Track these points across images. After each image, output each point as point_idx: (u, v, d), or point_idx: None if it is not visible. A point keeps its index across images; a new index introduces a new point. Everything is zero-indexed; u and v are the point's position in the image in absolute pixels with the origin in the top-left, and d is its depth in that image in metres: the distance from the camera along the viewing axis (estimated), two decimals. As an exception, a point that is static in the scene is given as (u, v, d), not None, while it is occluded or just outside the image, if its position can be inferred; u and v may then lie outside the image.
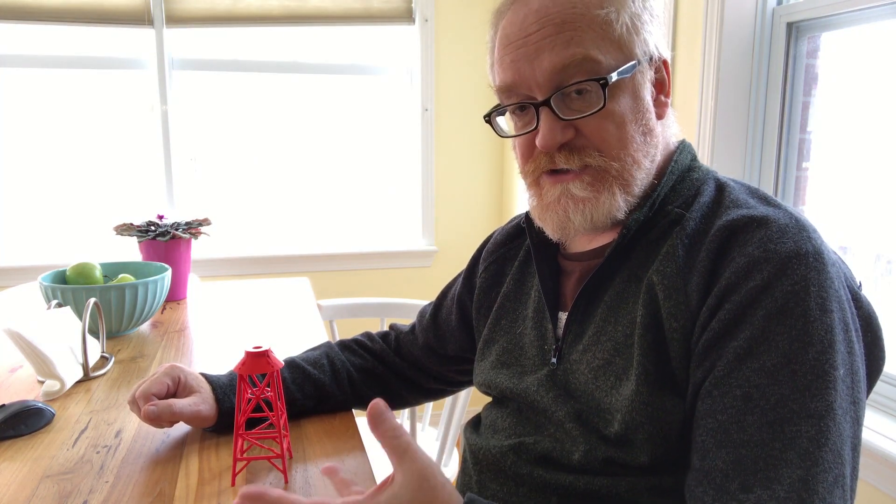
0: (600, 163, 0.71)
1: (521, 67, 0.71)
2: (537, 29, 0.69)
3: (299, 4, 2.49)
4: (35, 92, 2.41)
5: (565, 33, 0.68)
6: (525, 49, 0.70)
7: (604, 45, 0.69)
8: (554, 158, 0.72)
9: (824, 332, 0.59)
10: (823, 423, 0.57)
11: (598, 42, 0.69)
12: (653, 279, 0.69)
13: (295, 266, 2.62)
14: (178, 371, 0.87)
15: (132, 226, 1.57)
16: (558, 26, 0.69)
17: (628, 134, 0.71)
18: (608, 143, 0.71)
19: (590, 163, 0.71)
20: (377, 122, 2.74)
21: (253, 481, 0.76)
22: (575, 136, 0.71)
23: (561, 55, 0.68)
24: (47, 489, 0.74)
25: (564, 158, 0.72)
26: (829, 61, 1.56)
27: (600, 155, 0.71)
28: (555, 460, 0.73)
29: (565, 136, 0.71)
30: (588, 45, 0.69)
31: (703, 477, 0.61)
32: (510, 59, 0.72)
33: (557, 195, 0.73)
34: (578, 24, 0.69)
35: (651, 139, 0.73)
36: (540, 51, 0.69)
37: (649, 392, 0.66)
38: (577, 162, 0.71)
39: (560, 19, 0.69)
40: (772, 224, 0.65)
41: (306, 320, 1.47)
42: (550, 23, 0.69)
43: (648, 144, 0.73)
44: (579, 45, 0.68)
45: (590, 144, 0.71)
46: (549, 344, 0.79)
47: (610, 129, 0.70)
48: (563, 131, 0.71)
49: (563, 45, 0.68)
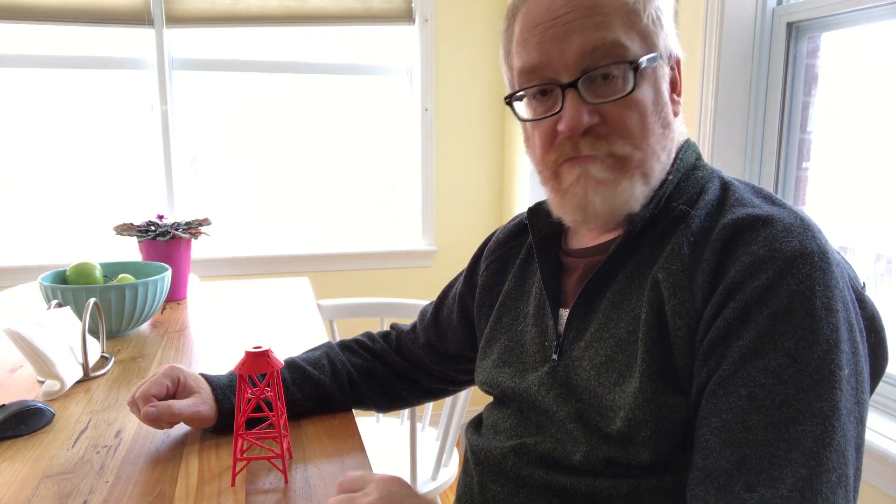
0: (625, 150, 0.70)
1: (548, 48, 0.70)
2: (567, 11, 0.69)
3: (299, 4, 2.49)
4: (35, 92, 2.40)
5: (596, 17, 0.68)
6: (554, 31, 0.69)
7: (631, 33, 0.69)
8: (578, 145, 0.71)
9: (830, 332, 0.59)
10: (828, 424, 0.57)
11: (626, 29, 0.69)
12: (658, 276, 0.69)
13: (295, 266, 2.62)
14: (178, 372, 0.87)
15: (132, 226, 1.57)
16: (588, 10, 0.68)
17: (650, 124, 0.71)
18: (631, 131, 0.70)
19: (615, 151, 0.70)
20: (377, 122, 2.74)
21: (253, 481, 0.76)
22: (599, 123, 0.70)
23: (591, 37, 0.68)
24: (47, 489, 0.74)
25: (590, 145, 0.71)
26: (829, 61, 1.56)
27: (624, 142, 0.70)
28: (556, 461, 0.73)
29: (591, 121, 0.70)
30: (617, 30, 0.68)
31: (705, 476, 0.61)
32: (536, 40, 0.71)
33: (577, 176, 0.72)
34: (608, 10, 0.69)
35: (668, 133, 0.74)
36: (569, 32, 0.69)
37: (652, 389, 0.66)
38: (602, 148, 0.70)
39: (590, 3, 0.68)
40: (777, 223, 0.64)
41: (306, 320, 1.46)
42: (580, 6, 0.69)
43: (666, 138, 0.73)
44: (609, 29, 0.68)
45: (613, 132, 0.70)
46: (549, 340, 0.79)
47: (633, 118, 0.70)
48: (589, 115, 0.70)
49: (594, 28, 0.68)
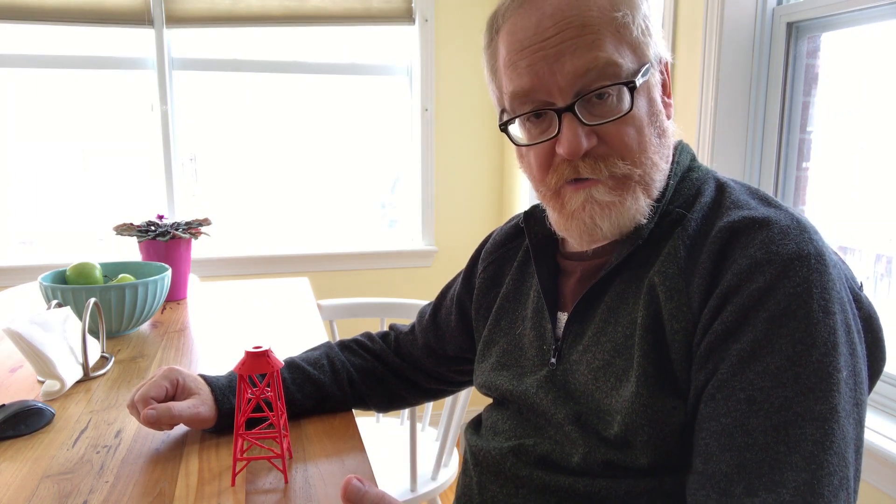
0: (625, 171, 0.70)
1: (539, 71, 0.68)
2: (556, 32, 0.67)
3: (299, 4, 2.49)
4: (35, 92, 2.41)
5: (586, 36, 0.66)
6: (543, 52, 0.68)
7: (622, 49, 0.68)
8: (578, 168, 0.70)
9: (827, 335, 0.59)
10: (828, 426, 0.57)
11: (617, 45, 0.68)
12: (654, 280, 0.69)
13: (295, 266, 2.62)
14: (176, 373, 0.87)
15: (132, 226, 1.57)
16: (578, 29, 0.67)
17: (647, 137, 0.70)
18: (630, 149, 0.69)
19: (615, 172, 0.70)
20: (377, 122, 2.74)
21: (253, 481, 0.76)
22: (597, 144, 0.69)
23: (584, 58, 0.66)
24: (47, 489, 0.74)
25: (590, 168, 0.70)
26: (829, 61, 1.56)
27: (624, 163, 0.69)
28: (554, 462, 0.73)
29: (590, 144, 0.69)
30: (609, 48, 0.67)
31: (706, 481, 0.60)
32: (526, 63, 0.69)
33: (581, 202, 0.71)
34: (598, 28, 0.67)
35: (665, 140, 0.73)
36: (560, 54, 0.67)
37: (649, 394, 0.66)
38: (603, 171, 0.69)
39: (579, 22, 0.67)
40: (773, 225, 0.64)
41: (306, 320, 1.47)
42: (569, 26, 0.67)
43: (663, 145, 0.73)
44: (601, 48, 0.67)
45: (612, 152, 0.69)
46: (548, 344, 0.79)
47: (631, 134, 0.69)
48: (587, 137, 0.69)
49: (586, 48, 0.66)
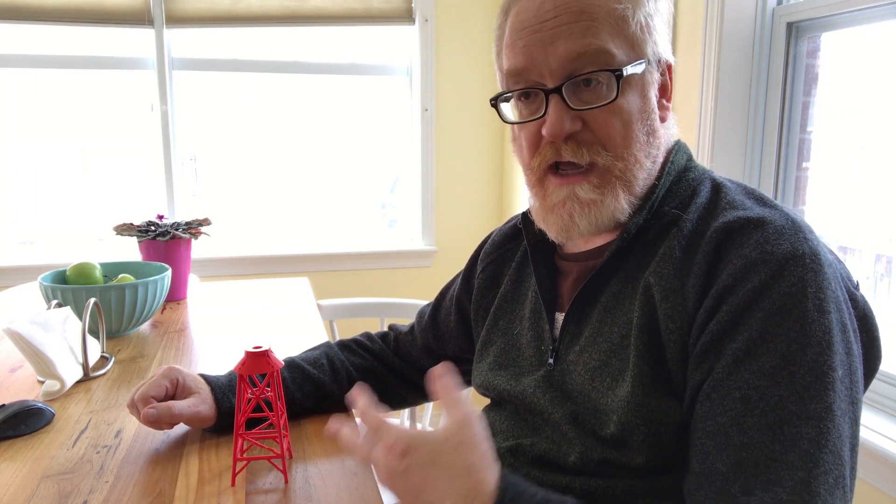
0: (606, 161, 0.70)
1: (533, 52, 0.70)
2: (554, 16, 0.69)
3: (299, 4, 2.49)
4: (35, 92, 2.41)
5: (582, 22, 0.68)
6: (540, 35, 0.69)
7: (618, 40, 0.69)
8: (560, 150, 0.71)
9: (822, 334, 0.59)
10: (823, 425, 0.57)
11: (613, 36, 0.69)
12: (650, 280, 0.69)
13: (295, 266, 2.62)
14: (176, 373, 0.87)
15: (132, 226, 1.58)
16: (576, 14, 0.68)
17: (633, 133, 0.71)
18: (613, 141, 0.70)
19: (596, 160, 0.70)
20: (377, 122, 2.74)
21: (253, 481, 0.76)
22: (581, 129, 0.70)
23: (577, 43, 0.68)
24: (47, 489, 0.74)
25: (571, 151, 0.71)
26: (829, 61, 1.56)
27: (606, 153, 0.70)
28: (551, 462, 0.73)
29: (573, 127, 0.70)
30: (604, 37, 0.68)
31: (703, 480, 0.61)
32: (523, 43, 0.71)
33: (563, 198, 0.72)
34: (596, 16, 0.68)
35: (654, 140, 0.73)
36: (555, 37, 0.69)
37: (644, 394, 0.66)
38: (585, 157, 0.70)
39: (578, 8, 0.68)
40: (768, 225, 0.64)
41: (306, 320, 1.47)
42: (567, 10, 0.68)
43: (651, 145, 0.73)
44: (595, 35, 0.68)
45: (596, 140, 0.70)
46: (545, 344, 0.79)
47: (616, 126, 0.70)
48: (571, 121, 0.70)
49: (580, 34, 0.68)
